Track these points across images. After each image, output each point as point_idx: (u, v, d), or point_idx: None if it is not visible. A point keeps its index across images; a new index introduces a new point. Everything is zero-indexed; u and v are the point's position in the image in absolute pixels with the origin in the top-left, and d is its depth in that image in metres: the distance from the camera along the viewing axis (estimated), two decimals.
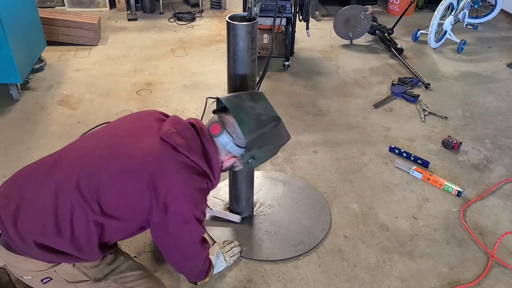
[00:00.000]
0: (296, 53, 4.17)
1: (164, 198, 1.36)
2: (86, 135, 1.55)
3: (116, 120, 1.62)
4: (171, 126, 1.44)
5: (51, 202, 1.33)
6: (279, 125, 1.55)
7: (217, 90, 3.49)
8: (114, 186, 1.35)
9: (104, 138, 1.47)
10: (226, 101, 1.51)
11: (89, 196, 1.33)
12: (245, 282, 1.92)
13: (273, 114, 1.54)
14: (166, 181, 1.36)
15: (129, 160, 1.37)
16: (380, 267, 2.01)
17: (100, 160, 1.37)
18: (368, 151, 2.81)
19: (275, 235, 2.14)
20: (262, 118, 1.51)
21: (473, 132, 3.05)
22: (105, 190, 1.34)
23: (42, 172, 1.40)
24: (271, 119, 1.53)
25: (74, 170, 1.36)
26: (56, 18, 4.04)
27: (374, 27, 4.45)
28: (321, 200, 2.38)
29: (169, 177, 1.36)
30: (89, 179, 1.34)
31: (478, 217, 2.30)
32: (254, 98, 1.55)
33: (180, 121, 1.50)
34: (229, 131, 1.48)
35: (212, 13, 5.37)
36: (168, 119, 1.52)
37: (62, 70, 3.73)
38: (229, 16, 1.74)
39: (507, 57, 4.26)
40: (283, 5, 3.49)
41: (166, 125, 1.45)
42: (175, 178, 1.37)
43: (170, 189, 1.36)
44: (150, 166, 1.35)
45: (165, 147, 1.39)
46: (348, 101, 3.41)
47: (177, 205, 1.38)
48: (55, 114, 3.10)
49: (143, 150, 1.38)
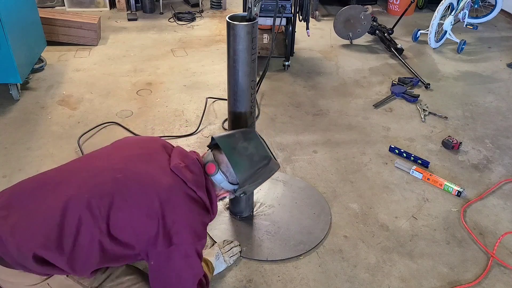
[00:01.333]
0: (296, 53, 4.17)
1: (170, 228, 1.39)
2: (95, 153, 1.58)
3: (120, 141, 1.66)
4: (180, 160, 1.51)
5: (58, 217, 1.33)
6: (270, 163, 1.64)
7: (217, 90, 3.49)
8: (126, 210, 1.38)
9: (116, 160, 1.50)
10: (220, 141, 1.59)
11: (99, 216, 1.35)
12: (245, 282, 1.92)
13: (265, 153, 1.63)
14: (174, 212, 1.41)
15: (143, 187, 1.41)
16: (380, 267, 2.01)
17: (114, 182, 1.40)
18: (368, 151, 2.81)
19: (275, 235, 2.15)
20: (254, 159, 1.59)
21: (473, 132, 3.05)
22: (117, 213, 1.36)
23: (50, 186, 1.41)
24: (262, 158, 1.62)
25: (85, 188, 1.38)
26: (56, 18, 4.04)
27: (374, 27, 4.45)
28: (321, 200, 2.38)
29: (178, 209, 1.42)
30: (101, 199, 1.36)
31: (478, 217, 2.30)
32: (247, 137, 1.64)
33: (187, 155, 1.58)
34: (223, 171, 1.56)
35: (212, 13, 5.37)
36: (175, 151, 1.59)
37: (62, 70, 3.73)
38: (229, 16, 1.74)
39: (507, 57, 4.26)
40: (283, 5, 3.49)
41: (175, 158, 1.52)
42: (182, 210, 1.43)
43: (176, 220, 1.40)
44: (161, 196, 1.40)
45: (175, 180, 1.45)
46: (348, 101, 3.41)
47: (181, 236, 1.41)
48: (55, 114, 3.10)
49: (156, 179, 1.43)
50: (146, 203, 1.39)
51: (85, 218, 1.33)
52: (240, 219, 2.23)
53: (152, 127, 2.98)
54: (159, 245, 1.39)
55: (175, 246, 1.40)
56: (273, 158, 1.69)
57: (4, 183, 2.42)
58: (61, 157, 2.64)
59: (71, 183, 1.40)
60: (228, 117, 2.01)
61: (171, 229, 1.39)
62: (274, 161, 1.68)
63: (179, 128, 2.98)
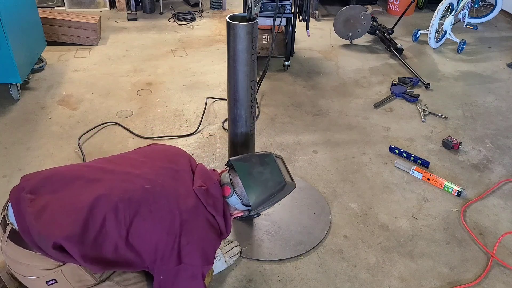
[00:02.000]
0: (296, 53, 4.17)
1: (183, 248, 1.45)
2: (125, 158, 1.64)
3: (148, 148, 1.73)
4: (202, 182, 1.57)
5: (85, 212, 1.37)
6: (285, 187, 1.67)
7: (217, 90, 3.49)
8: (148, 221, 1.43)
9: (147, 169, 1.55)
10: (237, 166, 1.63)
11: (122, 220, 1.40)
12: (245, 282, 1.92)
13: (279, 179, 1.65)
14: (192, 233, 1.46)
15: (168, 204, 1.47)
16: (380, 267, 2.01)
17: (143, 192, 1.45)
18: (368, 151, 2.81)
19: (275, 235, 2.15)
20: (268, 185, 1.63)
21: (473, 132, 3.05)
22: (139, 222, 1.41)
23: (82, 181, 1.46)
24: (277, 184, 1.65)
25: (116, 191, 1.43)
26: (56, 18, 4.04)
27: (374, 27, 4.45)
28: (321, 200, 2.38)
29: (195, 231, 1.48)
30: (128, 205, 1.41)
31: (478, 217, 2.30)
32: (264, 162, 1.68)
33: (209, 176, 1.63)
34: (238, 193, 1.61)
35: (212, 13, 5.37)
36: (198, 169, 1.64)
37: (62, 70, 3.73)
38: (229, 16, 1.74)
39: (507, 57, 4.26)
40: (283, 5, 3.49)
41: (198, 179, 1.58)
42: (199, 232, 1.49)
43: (191, 241, 1.46)
44: (183, 216, 1.46)
45: (197, 202, 1.52)
46: (348, 101, 3.41)
47: (192, 258, 1.46)
48: (55, 114, 3.10)
49: (181, 199, 1.49)
50: (168, 219, 1.44)
51: (110, 219, 1.38)
52: (240, 219, 2.23)
53: (152, 127, 2.98)
54: (169, 261, 1.44)
55: (184, 265, 1.45)
56: (290, 179, 1.73)
57: (4, 183, 2.42)
58: (61, 157, 2.64)
59: (103, 182, 1.45)
60: (228, 117, 2.01)
61: (183, 249, 1.44)
62: (289, 184, 1.70)
63: (179, 128, 2.98)
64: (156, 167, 1.57)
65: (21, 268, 1.44)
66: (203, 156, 2.71)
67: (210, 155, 2.72)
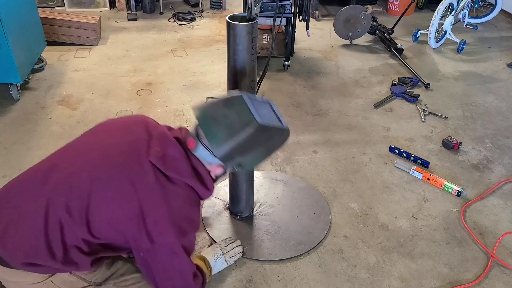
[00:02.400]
0: (296, 53, 4.17)
1: (151, 230, 1.32)
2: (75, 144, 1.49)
3: (102, 125, 1.54)
4: (159, 146, 1.38)
5: (42, 224, 1.30)
6: (261, 128, 1.37)
7: (217, 90, 3.49)
8: (104, 211, 1.32)
9: (94, 153, 1.40)
10: (197, 111, 1.42)
11: (78, 219, 1.30)
12: (245, 282, 1.92)
13: (247, 119, 1.36)
14: (155, 211, 1.32)
15: (121, 187, 1.32)
16: (380, 267, 2.01)
17: (91, 182, 1.32)
18: (368, 151, 2.81)
19: (275, 235, 2.15)
20: (235, 126, 1.36)
21: (473, 132, 3.05)
22: (95, 216, 1.31)
23: (33, 185, 1.36)
24: (245, 125, 1.35)
25: (63, 189, 1.32)
26: (56, 18, 4.04)
27: (374, 27, 4.45)
28: (321, 200, 2.38)
29: (160, 208, 1.33)
30: (78, 201, 1.31)
31: (478, 217, 2.30)
32: (230, 103, 1.41)
33: (166, 136, 1.43)
34: (204, 144, 1.40)
35: (212, 13, 5.37)
36: (155, 134, 1.44)
37: (62, 70, 3.73)
38: (229, 16, 1.74)
39: (507, 57, 4.26)
40: (283, 5, 3.49)
41: (155, 146, 1.38)
42: (163, 209, 1.33)
43: (158, 220, 1.32)
44: (141, 196, 1.31)
45: (156, 173, 1.34)
46: (348, 101, 3.41)
47: (164, 236, 1.34)
48: (55, 114, 3.10)
49: (134, 178, 1.33)
50: (125, 203, 1.31)
51: (65, 221, 1.30)
52: (240, 219, 2.23)
53: None
54: (142, 242, 1.34)
55: (158, 244, 1.34)
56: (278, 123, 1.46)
57: (4, 183, 2.41)
58: None
59: (51, 181, 1.35)
60: None
61: (153, 230, 1.32)
62: (277, 128, 1.44)
63: None
64: (105, 148, 1.40)
65: (11, 286, 1.41)
66: None
67: None
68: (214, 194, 2.38)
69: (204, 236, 2.14)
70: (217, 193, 2.39)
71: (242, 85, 1.83)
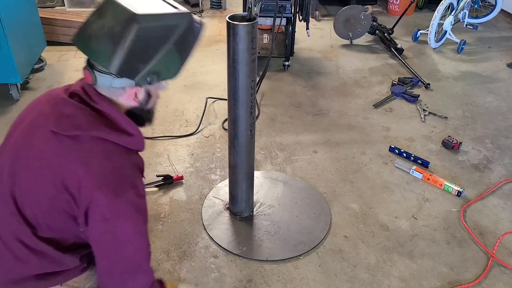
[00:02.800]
0: (296, 53, 4.17)
1: (78, 198, 1.17)
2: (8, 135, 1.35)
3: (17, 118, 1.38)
4: (54, 112, 1.22)
5: None
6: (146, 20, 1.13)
7: (217, 90, 3.49)
8: (33, 205, 1.21)
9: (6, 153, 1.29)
10: (73, 39, 1.22)
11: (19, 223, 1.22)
12: (245, 282, 1.92)
13: (125, 16, 1.12)
14: (74, 178, 1.16)
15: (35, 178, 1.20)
16: (380, 267, 2.01)
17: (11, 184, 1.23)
18: (368, 151, 2.81)
19: (275, 235, 2.15)
20: (115, 32, 1.13)
21: (473, 132, 3.05)
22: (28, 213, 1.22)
23: None
24: (125, 24, 1.11)
25: None
26: (56, 18, 4.04)
27: (374, 27, 4.45)
28: (321, 200, 2.38)
29: (75, 173, 1.17)
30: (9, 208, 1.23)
31: (478, 217, 2.30)
32: (101, 12, 1.18)
33: (58, 98, 1.25)
34: (100, 69, 1.18)
35: (212, 13, 5.37)
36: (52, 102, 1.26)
37: (62, 70, 3.73)
38: (229, 16, 1.74)
39: (507, 57, 4.25)
40: (283, 5, 3.49)
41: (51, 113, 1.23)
42: (80, 172, 1.16)
43: (80, 186, 1.16)
44: (53, 169, 1.17)
45: (59, 140, 1.18)
46: (348, 101, 3.41)
47: (94, 201, 1.16)
48: None
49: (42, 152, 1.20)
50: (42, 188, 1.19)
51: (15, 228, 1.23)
52: (240, 219, 2.23)
53: (152, 127, 2.98)
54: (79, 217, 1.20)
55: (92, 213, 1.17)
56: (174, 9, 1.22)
57: None
58: None
59: None
60: (228, 117, 2.01)
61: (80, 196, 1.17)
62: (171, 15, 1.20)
63: (179, 128, 2.98)
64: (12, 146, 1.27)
65: None
66: (203, 156, 2.71)
67: (210, 155, 2.72)
68: (214, 194, 2.38)
69: (204, 236, 2.14)
70: (217, 193, 2.39)
71: (242, 85, 1.83)
